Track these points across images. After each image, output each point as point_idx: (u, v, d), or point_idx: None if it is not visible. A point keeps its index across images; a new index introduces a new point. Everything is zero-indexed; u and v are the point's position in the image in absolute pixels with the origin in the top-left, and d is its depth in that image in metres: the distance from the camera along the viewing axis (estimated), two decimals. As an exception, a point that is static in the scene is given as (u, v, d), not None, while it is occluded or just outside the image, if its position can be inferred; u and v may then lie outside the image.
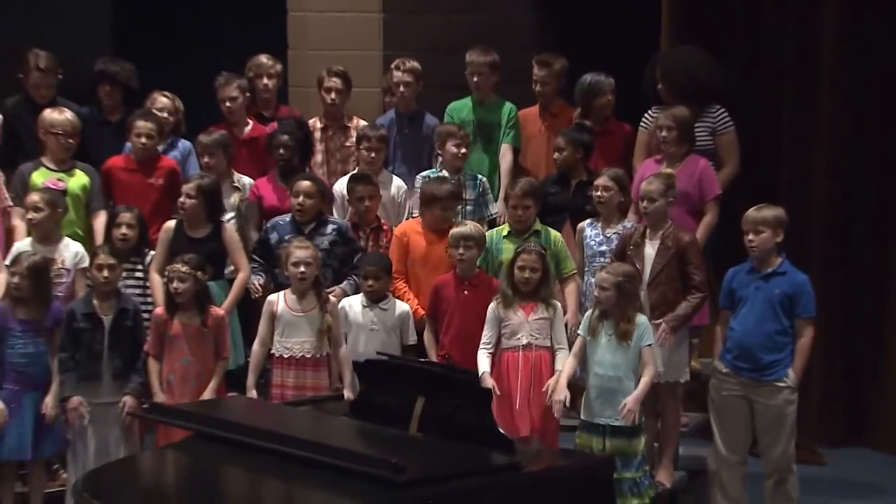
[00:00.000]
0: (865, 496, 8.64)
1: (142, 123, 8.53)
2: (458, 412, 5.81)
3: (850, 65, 9.46)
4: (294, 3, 10.09)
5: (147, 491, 5.65)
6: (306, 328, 7.62)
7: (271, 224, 8.33)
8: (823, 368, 8.45)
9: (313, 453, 5.47)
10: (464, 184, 8.63)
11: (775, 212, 7.58)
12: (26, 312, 7.71)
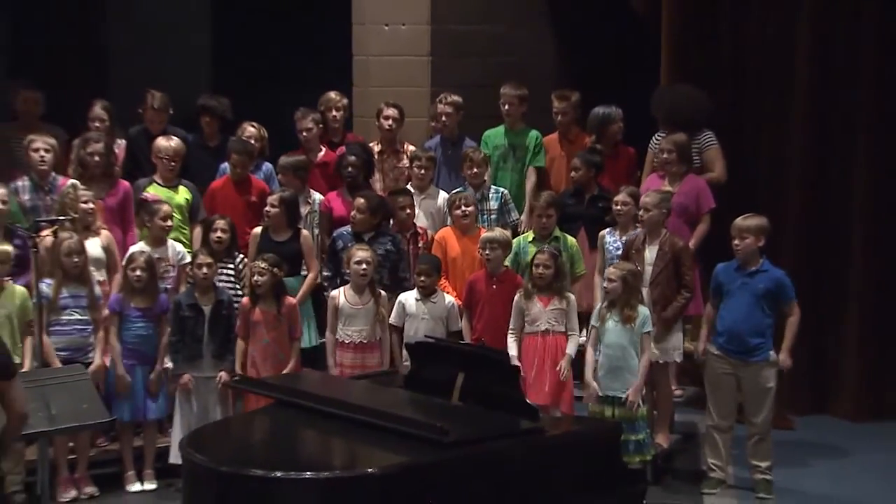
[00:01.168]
0: (826, 455, 8.66)
1: (236, 156, 8.63)
2: (492, 385, 5.82)
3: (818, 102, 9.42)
4: (358, 49, 10.09)
5: (238, 446, 5.70)
6: (363, 318, 7.70)
7: (337, 233, 8.38)
8: (794, 348, 8.44)
9: (373, 418, 5.54)
10: (487, 197, 8.69)
11: (758, 221, 7.62)
12: (140, 301, 7.81)
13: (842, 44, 9.41)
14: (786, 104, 9.54)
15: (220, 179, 8.77)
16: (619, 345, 7.25)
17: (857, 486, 7.95)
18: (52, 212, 8.02)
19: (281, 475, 5.00)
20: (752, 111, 9.65)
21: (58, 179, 8.40)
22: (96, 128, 8.91)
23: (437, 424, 5.32)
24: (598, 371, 7.35)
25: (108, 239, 8.17)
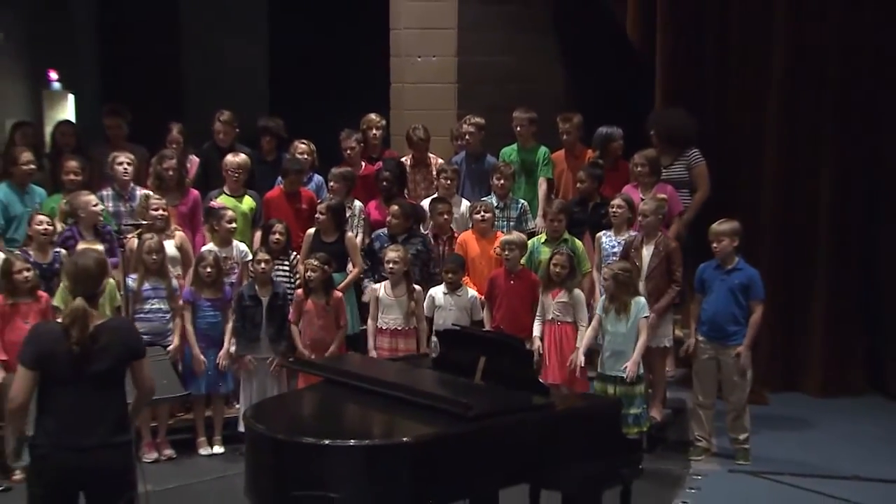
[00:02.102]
0: (796, 426, 8.67)
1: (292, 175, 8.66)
2: (509, 367, 5.81)
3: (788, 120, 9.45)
4: (395, 78, 10.12)
5: (292, 418, 5.71)
6: (398, 308, 7.74)
7: (374, 235, 8.42)
8: (769, 333, 8.42)
9: (407, 394, 5.54)
10: (509, 206, 8.67)
11: (732, 225, 7.65)
12: (209, 293, 7.91)
13: (808, 72, 9.40)
14: (760, 123, 9.54)
15: (275, 190, 8.80)
16: (619, 332, 7.26)
17: (824, 454, 7.93)
18: (131, 217, 8.11)
19: (328, 443, 5.01)
20: (732, 129, 9.63)
21: (136, 189, 8.47)
22: (171, 146, 8.97)
23: (462, 400, 5.33)
24: (602, 354, 7.38)
25: (182, 240, 8.25)
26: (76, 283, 4.88)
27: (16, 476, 7.30)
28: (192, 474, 5.25)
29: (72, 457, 4.73)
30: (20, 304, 7.34)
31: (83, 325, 4.73)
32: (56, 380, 4.74)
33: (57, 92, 15.21)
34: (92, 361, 4.76)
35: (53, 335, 4.81)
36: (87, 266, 4.92)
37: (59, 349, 4.73)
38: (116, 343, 4.85)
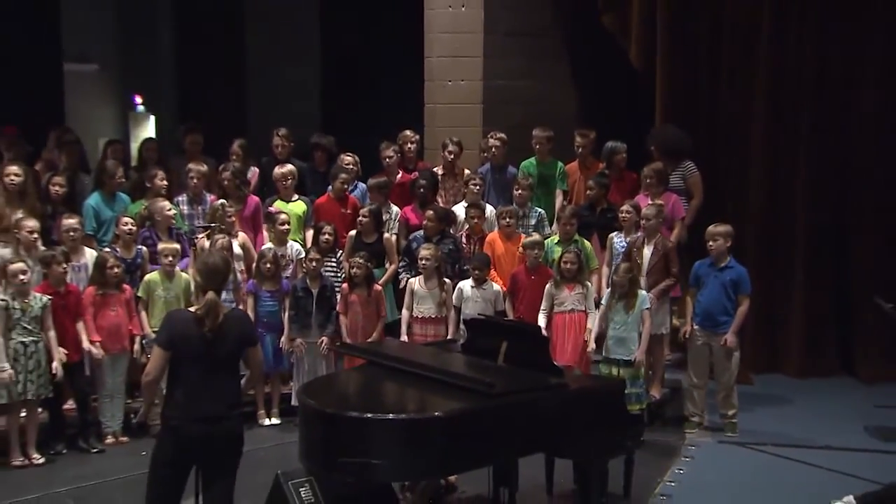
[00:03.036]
0: (778, 403, 8.60)
1: (338, 185, 8.61)
2: (528, 351, 5.78)
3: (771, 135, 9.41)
4: (428, 99, 10.08)
5: (339, 394, 5.69)
6: (430, 299, 7.67)
7: (412, 237, 8.33)
8: (753, 322, 8.35)
9: (438, 374, 5.54)
10: (528, 215, 8.58)
11: (725, 227, 7.61)
12: (269, 286, 7.90)
13: (786, 93, 9.39)
14: (746, 137, 9.49)
15: (324, 196, 8.76)
16: (623, 322, 7.18)
17: (802, 427, 7.88)
18: (202, 220, 8.13)
19: (370, 416, 4.99)
20: (722, 144, 9.56)
21: (207, 196, 8.50)
22: (232, 158, 8.97)
23: (486, 380, 5.31)
24: (608, 341, 7.29)
25: (245, 240, 8.25)
26: (207, 279, 4.99)
27: (109, 440, 7.42)
28: (253, 442, 5.26)
29: (198, 426, 4.84)
30: (108, 294, 7.40)
31: (215, 315, 4.86)
32: (186, 359, 4.86)
33: (141, 114, 15.38)
34: (218, 345, 4.89)
35: (185, 321, 4.92)
36: (217, 264, 5.07)
37: (191, 333, 4.85)
38: (237, 331, 4.99)
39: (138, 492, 5.37)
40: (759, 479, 6.92)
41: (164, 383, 5.12)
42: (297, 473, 5.56)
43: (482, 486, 6.21)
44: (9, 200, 7.81)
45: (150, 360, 5.04)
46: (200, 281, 5.06)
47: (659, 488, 6.67)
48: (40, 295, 7.08)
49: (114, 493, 6.52)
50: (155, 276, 7.61)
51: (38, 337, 7.02)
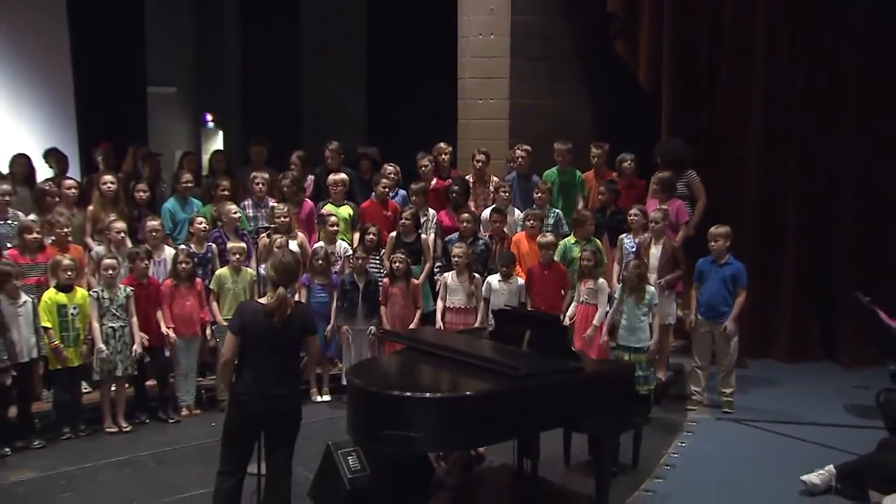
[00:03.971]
0: (769, 385, 8.50)
1: (381, 190, 8.59)
2: (549, 338, 5.73)
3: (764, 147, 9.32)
4: (461, 115, 10.00)
5: (381, 375, 5.67)
6: (462, 292, 7.60)
7: (448, 238, 8.25)
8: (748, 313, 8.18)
9: (469, 358, 5.50)
10: (547, 216, 8.49)
11: (725, 228, 7.57)
12: (320, 279, 7.88)
13: (778, 109, 9.28)
14: (742, 150, 9.39)
15: (369, 201, 8.72)
16: (634, 313, 7.08)
17: (790, 405, 7.81)
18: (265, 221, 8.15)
19: (409, 394, 4.98)
20: (720, 154, 9.45)
21: (269, 200, 8.50)
22: (290, 167, 8.97)
23: (512, 363, 5.28)
24: (620, 330, 7.21)
25: (301, 239, 8.23)
26: (281, 277, 5.01)
27: (184, 413, 7.49)
28: (307, 416, 5.26)
29: (264, 402, 4.89)
30: (182, 286, 7.45)
31: (284, 309, 4.91)
32: (255, 344, 4.91)
33: (211, 129, 15.52)
34: (283, 333, 4.94)
35: (254, 312, 4.97)
36: (290, 264, 5.12)
37: (259, 322, 4.90)
38: (300, 321, 5.05)
39: (209, 456, 5.44)
40: (753, 451, 6.87)
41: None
42: (346, 443, 5.59)
43: (508, 456, 6.23)
44: (103, 205, 7.98)
45: (225, 344, 5.08)
46: (274, 277, 5.03)
47: (664, 459, 6.64)
48: (125, 286, 7.15)
49: (188, 458, 6.56)
50: (225, 271, 7.65)
51: (124, 322, 7.10)
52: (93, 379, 7.15)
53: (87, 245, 7.79)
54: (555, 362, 5.53)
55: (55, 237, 7.35)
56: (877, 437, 6.28)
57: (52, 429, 6.96)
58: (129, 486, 6.09)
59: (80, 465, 6.44)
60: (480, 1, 9.79)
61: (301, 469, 5.37)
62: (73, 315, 6.93)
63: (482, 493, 6.19)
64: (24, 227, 7.22)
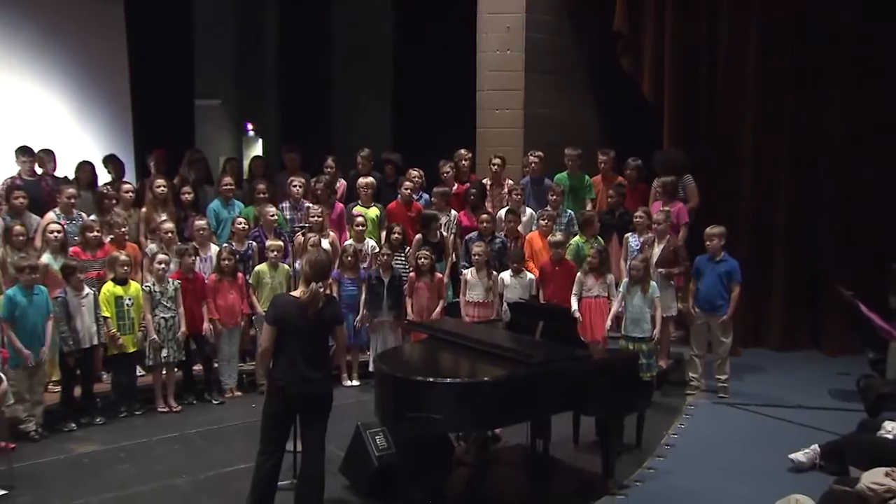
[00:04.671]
0: (761, 371, 8.45)
1: (405, 193, 8.58)
2: (560, 329, 5.72)
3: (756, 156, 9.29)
4: (480, 124, 9.95)
5: (406, 362, 5.69)
6: (480, 286, 7.52)
7: (468, 237, 8.19)
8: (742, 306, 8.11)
9: (486, 347, 5.50)
10: (560, 215, 8.44)
11: (720, 228, 7.52)
12: (350, 274, 7.88)
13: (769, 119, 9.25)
14: (736, 156, 9.35)
15: (394, 202, 8.72)
16: (639, 306, 7.02)
17: (779, 390, 7.78)
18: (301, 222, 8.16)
19: (432, 380, 4.97)
20: (717, 161, 9.39)
21: (304, 202, 8.50)
22: (327, 172, 8.98)
23: (526, 351, 5.28)
24: (625, 321, 7.12)
25: (333, 238, 8.22)
26: (315, 273, 5.00)
27: (227, 394, 7.54)
28: (339, 399, 5.28)
29: (300, 386, 4.90)
30: (225, 280, 7.48)
31: (317, 302, 4.92)
32: (289, 334, 4.90)
33: (251, 137, 15.55)
34: (315, 323, 4.94)
35: (288, 304, 4.97)
36: (324, 262, 5.11)
37: (293, 313, 4.90)
38: (329, 312, 5.04)
39: (250, 434, 5.47)
40: (746, 432, 6.85)
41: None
42: (374, 424, 5.58)
43: (522, 437, 6.22)
44: (155, 206, 8.03)
45: (262, 334, 5.07)
46: (309, 273, 5.01)
47: (664, 439, 6.63)
48: (174, 280, 7.19)
49: (231, 435, 6.61)
50: (263, 267, 7.65)
51: (174, 313, 7.14)
52: (146, 363, 7.21)
53: (141, 243, 7.85)
54: (565, 351, 5.51)
55: (113, 235, 7.43)
56: (857, 418, 6.27)
57: (112, 407, 7.03)
58: (179, 460, 6.15)
59: (136, 440, 6.52)
60: (497, 20, 9.77)
61: (333, 447, 5.38)
62: (129, 306, 6.98)
63: (498, 471, 6.18)
64: (86, 227, 7.32)
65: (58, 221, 7.31)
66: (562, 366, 5.35)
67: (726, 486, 5.72)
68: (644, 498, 5.58)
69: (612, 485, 5.64)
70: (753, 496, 5.06)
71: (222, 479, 5.77)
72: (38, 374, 6.52)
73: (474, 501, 5.72)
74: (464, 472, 6.02)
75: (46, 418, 6.63)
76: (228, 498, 5.39)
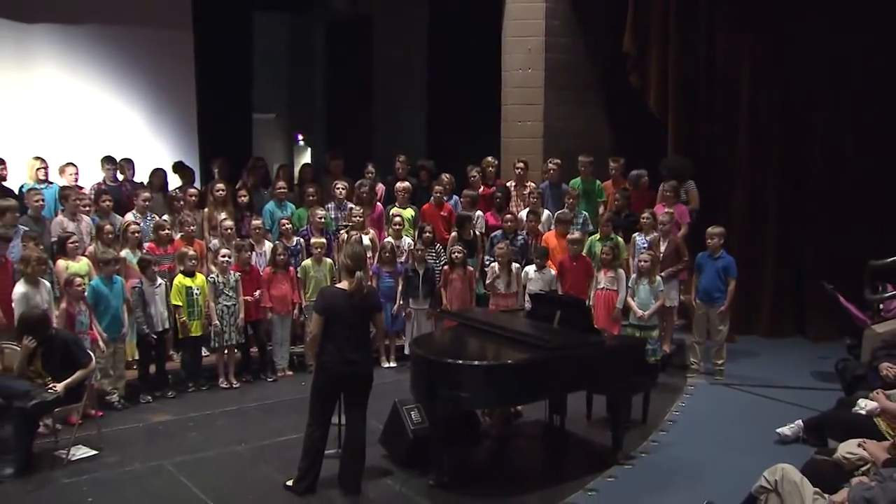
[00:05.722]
0: (754, 356, 8.33)
1: (437, 195, 8.55)
2: (575, 317, 5.70)
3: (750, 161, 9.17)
4: (504, 134, 9.91)
5: (438, 346, 5.68)
6: (505, 279, 7.48)
7: (493, 235, 8.16)
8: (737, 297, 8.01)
9: (510, 333, 5.49)
10: (576, 216, 8.37)
11: (720, 228, 7.45)
12: (388, 268, 7.83)
13: (759, 130, 9.13)
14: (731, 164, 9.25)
15: (428, 204, 8.68)
16: (646, 298, 6.96)
17: (768, 372, 7.70)
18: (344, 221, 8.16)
19: (461, 362, 4.99)
20: (716, 168, 9.26)
21: (347, 203, 8.48)
22: (368, 176, 8.96)
23: (545, 337, 5.27)
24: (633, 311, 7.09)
25: (373, 236, 8.19)
26: (355, 263, 5.03)
27: (280, 373, 7.56)
28: (378, 379, 5.27)
29: (345, 367, 4.90)
30: (279, 273, 7.48)
31: (361, 289, 4.95)
32: (335, 321, 4.90)
33: (301, 146, 15.59)
34: (357, 311, 4.95)
35: (334, 294, 5.00)
36: (359, 252, 5.15)
37: (339, 303, 4.91)
38: (370, 301, 5.06)
39: (300, 408, 5.47)
40: (739, 409, 6.80)
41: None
42: (409, 401, 5.59)
43: (541, 413, 6.21)
44: (216, 207, 8.05)
45: (311, 323, 5.09)
46: (350, 264, 5.02)
47: (667, 416, 6.58)
48: (234, 272, 7.22)
49: (284, 409, 6.64)
50: (309, 262, 7.62)
51: (234, 301, 7.17)
52: (210, 345, 7.26)
53: (205, 239, 7.90)
54: (580, 337, 5.49)
55: (182, 233, 7.49)
56: (835, 397, 6.21)
57: (181, 383, 7.11)
58: (239, 429, 6.19)
59: (202, 411, 6.58)
60: (520, 42, 9.72)
61: (373, 421, 5.38)
62: (196, 295, 7.03)
63: (519, 443, 6.16)
64: (158, 226, 7.40)
65: (136, 221, 7.42)
66: (577, 350, 5.33)
67: (721, 456, 5.68)
68: (649, 467, 5.55)
69: (621, 456, 5.61)
70: (745, 465, 5.00)
71: (276, 447, 5.80)
72: (119, 352, 6.66)
73: (498, 470, 5.70)
74: (489, 444, 6.02)
75: (127, 391, 6.75)
76: (282, 463, 5.41)
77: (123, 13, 9.25)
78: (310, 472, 5.03)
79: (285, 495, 5.03)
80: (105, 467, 5.45)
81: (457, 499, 5.00)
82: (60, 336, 5.75)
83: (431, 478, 5.20)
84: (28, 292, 6.10)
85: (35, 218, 7.18)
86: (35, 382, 5.52)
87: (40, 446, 5.62)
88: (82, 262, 6.77)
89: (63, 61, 9.01)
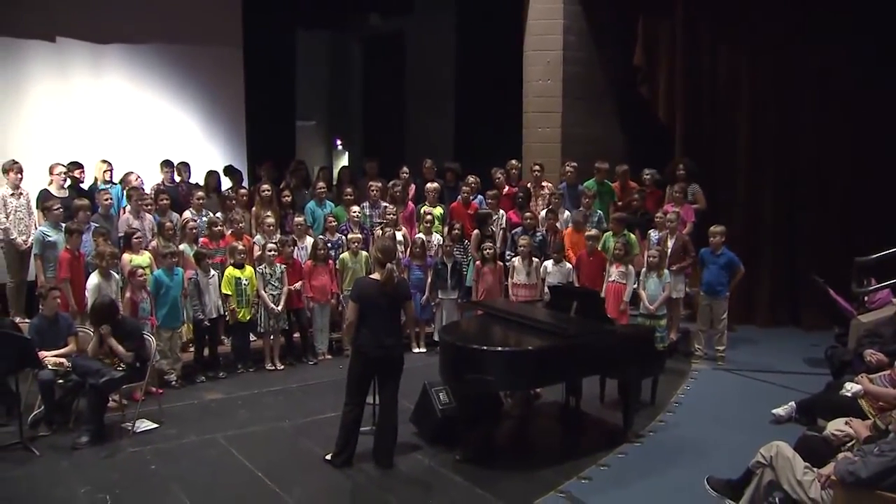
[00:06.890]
0: (751, 344, 8.23)
1: (465, 195, 8.50)
2: (590, 307, 5.66)
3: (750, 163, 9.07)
4: (526, 140, 9.85)
5: (465, 333, 5.66)
6: (524, 272, 7.43)
7: (514, 231, 8.13)
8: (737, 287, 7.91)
9: (530, 322, 5.47)
10: (592, 215, 8.30)
11: (722, 227, 7.37)
12: (418, 261, 7.84)
13: (759, 136, 9.04)
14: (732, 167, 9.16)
15: (456, 202, 8.66)
16: (655, 290, 6.88)
17: (765, 358, 7.62)
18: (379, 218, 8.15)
19: (486, 348, 4.96)
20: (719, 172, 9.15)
21: (381, 202, 8.47)
22: (403, 177, 8.92)
23: (563, 325, 5.24)
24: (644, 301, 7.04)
25: (404, 232, 8.18)
26: (385, 256, 5.04)
27: (320, 357, 7.57)
28: (409, 362, 5.32)
29: (378, 350, 4.91)
30: (319, 265, 7.50)
31: (392, 280, 4.95)
32: (370, 309, 4.90)
33: (339, 150, 15.63)
34: (390, 300, 4.94)
35: (368, 285, 5.01)
36: (390, 247, 5.18)
37: (372, 292, 4.92)
38: (401, 290, 5.05)
39: (338, 389, 5.48)
40: (738, 392, 6.74)
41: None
42: (438, 383, 5.58)
43: (558, 395, 6.18)
44: (262, 205, 8.10)
45: (348, 311, 5.09)
46: (381, 257, 5.04)
47: (674, 398, 6.52)
48: (279, 264, 7.26)
49: (323, 390, 6.66)
50: (346, 255, 7.64)
51: (279, 291, 7.21)
52: (257, 331, 7.30)
53: (253, 235, 7.94)
54: (594, 325, 5.46)
55: (233, 230, 7.54)
56: (825, 380, 6.14)
57: (231, 365, 7.18)
58: (283, 408, 6.24)
59: (250, 391, 6.63)
60: (540, 56, 9.66)
61: (405, 401, 5.38)
62: (245, 285, 7.09)
63: (538, 422, 6.13)
64: (211, 223, 7.47)
65: (192, 218, 7.50)
66: (591, 338, 5.29)
67: (722, 435, 5.64)
68: (657, 445, 5.51)
69: (631, 434, 5.57)
70: (743, 443, 4.97)
71: (316, 424, 5.83)
72: (177, 336, 6.74)
73: (518, 446, 5.68)
74: (510, 423, 6.00)
75: (184, 371, 6.83)
76: (322, 439, 5.44)
77: (183, 34, 9.45)
78: (347, 447, 5.05)
79: (325, 467, 5.06)
80: (165, 439, 5.54)
81: (481, 472, 4.99)
82: (127, 322, 5.88)
83: (458, 453, 5.20)
84: (101, 283, 6.27)
85: (104, 215, 7.35)
86: (104, 363, 5.63)
87: (110, 419, 5.74)
88: (144, 256, 6.86)
89: (130, 76, 9.21)
